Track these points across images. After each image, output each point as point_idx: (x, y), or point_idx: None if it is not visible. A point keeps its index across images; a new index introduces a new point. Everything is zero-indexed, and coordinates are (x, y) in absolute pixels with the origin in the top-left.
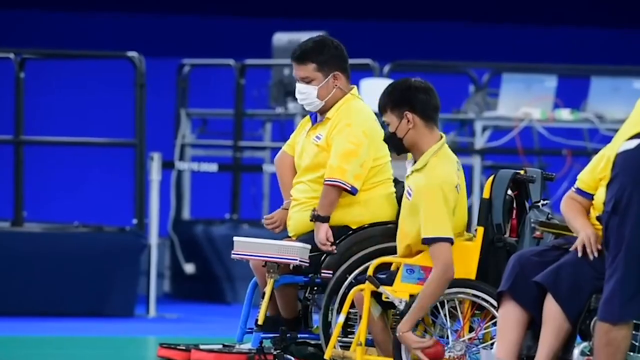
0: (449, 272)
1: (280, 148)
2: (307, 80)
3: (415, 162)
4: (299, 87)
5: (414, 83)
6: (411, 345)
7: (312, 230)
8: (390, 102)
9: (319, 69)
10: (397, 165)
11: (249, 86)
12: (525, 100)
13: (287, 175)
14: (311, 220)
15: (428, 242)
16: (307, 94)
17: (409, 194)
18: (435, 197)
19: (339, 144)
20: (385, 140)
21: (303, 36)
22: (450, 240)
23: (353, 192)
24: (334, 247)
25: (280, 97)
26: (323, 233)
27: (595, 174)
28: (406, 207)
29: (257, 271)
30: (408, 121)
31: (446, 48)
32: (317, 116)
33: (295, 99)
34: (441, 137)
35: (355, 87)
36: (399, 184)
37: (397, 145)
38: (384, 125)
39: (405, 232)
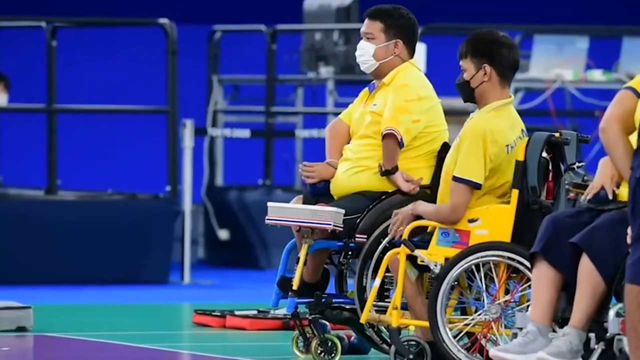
0: (455, 214)
1: (312, 113)
2: (370, 37)
3: None
4: (360, 43)
5: (500, 38)
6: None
7: (350, 195)
8: (472, 50)
9: (385, 30)
10: (453, 129)
11: (281, 51)
12: (558, 62)
13: (338, 142)
14: (382, 175)
15: (454, 179)
16: (365, 51)
17: (459, 136)
18: (475, 141)
19: (393, 100)
20: (457, 85)
21: (334, 1)
22: (472, 184)
23: (401, 144)
24: (416, 187)
25: (311, 62)
26: (401, 182)
27: None
28: (454, 148)
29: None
30: (485, 73)
31: (477, 10)
32: (375, 86)
33: (326, 64)
34: (510, 96)
35: (415, 59)
36: None
37: (467, 93)
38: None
39: (450, 175)
